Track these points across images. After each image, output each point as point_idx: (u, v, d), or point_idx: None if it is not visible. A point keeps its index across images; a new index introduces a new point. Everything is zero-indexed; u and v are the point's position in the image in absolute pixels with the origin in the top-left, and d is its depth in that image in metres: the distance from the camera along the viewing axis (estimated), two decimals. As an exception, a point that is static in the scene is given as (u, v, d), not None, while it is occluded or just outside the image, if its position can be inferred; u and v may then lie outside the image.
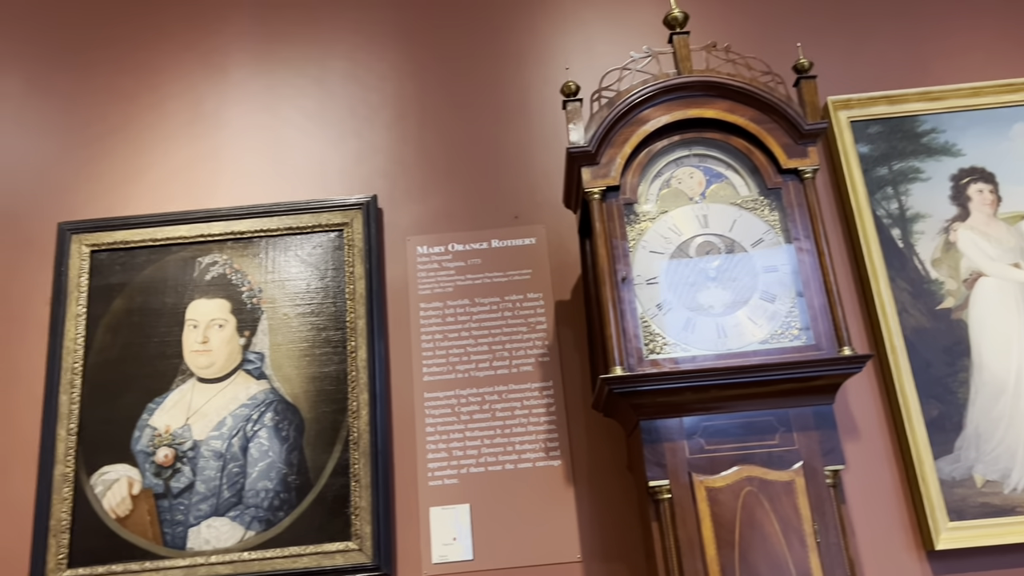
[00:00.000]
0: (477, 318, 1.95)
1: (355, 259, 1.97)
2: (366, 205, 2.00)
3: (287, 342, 1.91)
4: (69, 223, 1.99)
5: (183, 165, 2.07)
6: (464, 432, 1.86)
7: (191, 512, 1.79)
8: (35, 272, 1.99)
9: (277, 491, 1.80)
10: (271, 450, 1.83)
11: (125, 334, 1.92)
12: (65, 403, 1.86)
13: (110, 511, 1.80)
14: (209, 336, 1.92)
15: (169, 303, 1.94)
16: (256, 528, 1.78)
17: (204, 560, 1.75)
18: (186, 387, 1.88)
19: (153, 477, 1.82)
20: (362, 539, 1.76)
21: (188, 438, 1.84)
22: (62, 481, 1.81)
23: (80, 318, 1.93)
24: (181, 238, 1.99)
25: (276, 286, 1.95)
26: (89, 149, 2.08)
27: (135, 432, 1.85)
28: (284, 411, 1.86)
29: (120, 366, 1.90)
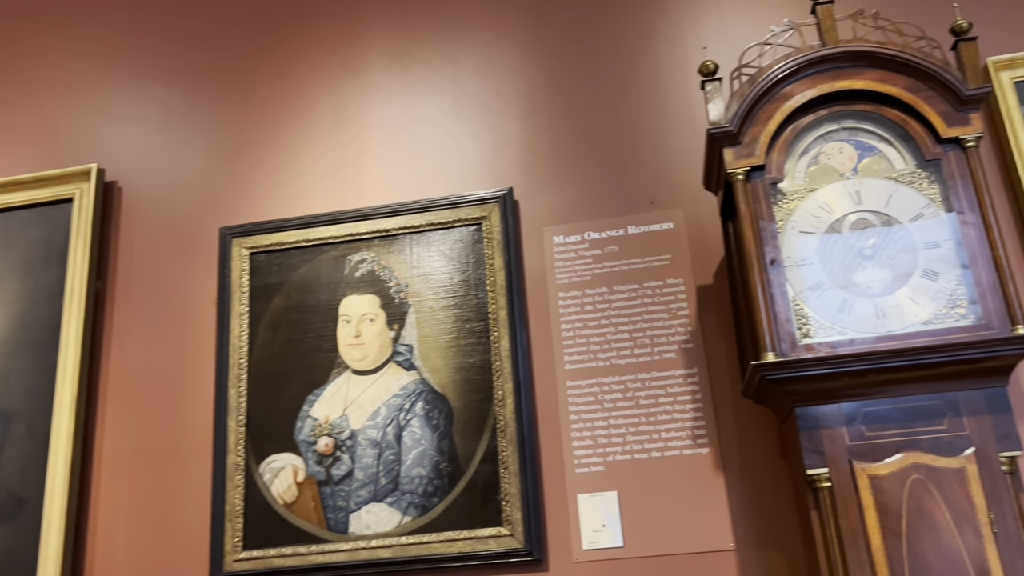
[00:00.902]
0: (616, 306, 1.94)
1: (494, 251, 2.00)
2: (503, 198, 2.03)
3: (433, 334, 1.97)
4: (229, 228, 2.13)
5: (330, 167, 2.16)
6: (608, 420, 1.87)
7: (351, 498, 1.89)
8: (202, 275, 2.13)
9: (430, 478, 1.87)
10: (423, 438, 1.90)
11: (285, 330, 2.04)
12: (234, 396, 2.00)
13: (278, 497, 1.92)
14: (361, 330, 2.01)
15: (323, 300, 2.04)
16: (412, 513, 1.85)
17: (365, 544, 1.84)
18: (342, 379, 1.98)
19: (315, 465, 1.92)
20: (513, 525, 1.80)
21: (346, 428, 1.94)
22: (234, 469, 1.94)
23: (243, 316, 2.06)
24: (331, 238, 2.08)
25: (421, 280, 2.02)
26: (245, 157, 2.21)
27: (297, 423, 1.96)
28: (434, 400, 1.93)
29: (281, 360, 2.01)
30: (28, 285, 2.16)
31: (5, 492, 2.00)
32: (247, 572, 1.86)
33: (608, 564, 1.77)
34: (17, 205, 2.24)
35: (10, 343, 2.12)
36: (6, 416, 2.06)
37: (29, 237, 2.21)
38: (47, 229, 2.21)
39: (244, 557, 1.88)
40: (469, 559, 1.79)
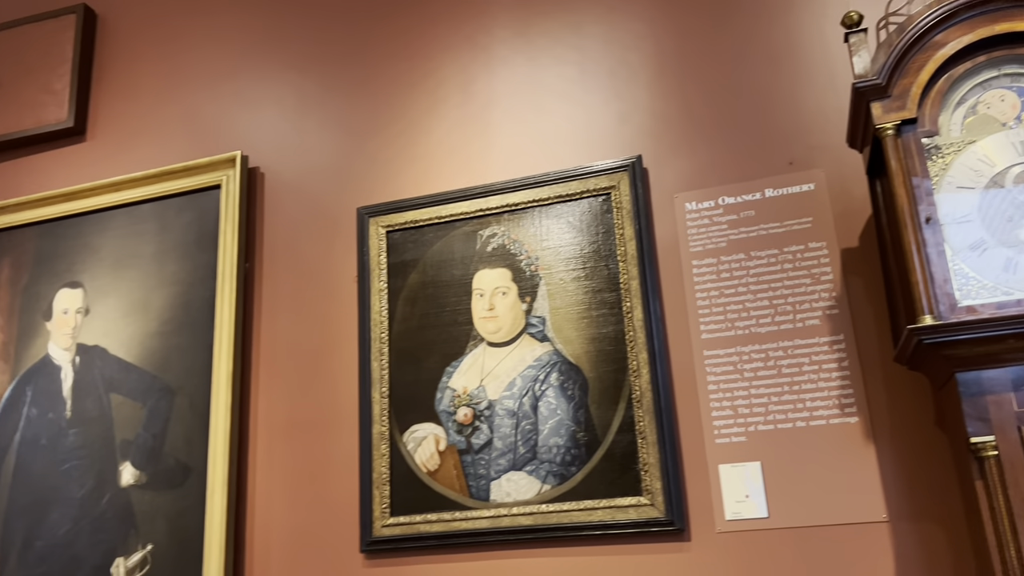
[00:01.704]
0: (754, 272, 1.89)
1: (624, 221, 1.99)
2: (631, 166, 2.01)
3: (565, 306, 1.98)
4: (366, 207, 2.20)
5: (459, 143, 2.20)
6: (749, 390, 1.82)
7: (491, 467, 1.93)
8: (342, 253, 2.22)
9: (568, 447, 1.89)
10: (559, 408, 1.92)
11: (422, 305, 2.10)
12: (376, 369, 2.08)
13: (421, 465, 1.98)
14: (495, 303, 2.04)
15: (457, 275, 2.09)
16: (551, 482, 1.88)
17: (507, 511, 1.88)
18: (478, 351, 2.02)
19: (456, 434, 1.98)
20: (653, 495, 1.80)
21: (484, 398, 1.98)
22: (379, 439, 2.03)
23: (382, 293, 2.13)
24: (463, 214, 2.12)
25: (551, 253, 2.03)
26: (378, 137, 2.28)
27: (437, 393, 2.02)
28: (568, 371, 1.94)
29: (420, 334, 2.08)
30: (184, 267, 2.31)
31: (173, 460, 2.16)
32: (395, 536, 1.94)
33: (752, 535, 1.74)
34: (171, 193, 2.39)
35: (170, 322, 2.28)
36: (170, 391, 2.22)
37: (183, 222, 2.36)
38: (198, 214, 2.35)
39: (392, 523, 1.96)
40: (610, 527, 1.81)
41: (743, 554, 1.74)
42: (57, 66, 2.64)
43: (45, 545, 2.19)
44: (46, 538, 2.20)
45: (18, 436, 2.32)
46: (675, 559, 1.77)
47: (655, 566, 1.78)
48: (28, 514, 2.24)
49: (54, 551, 2.18)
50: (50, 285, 2.44)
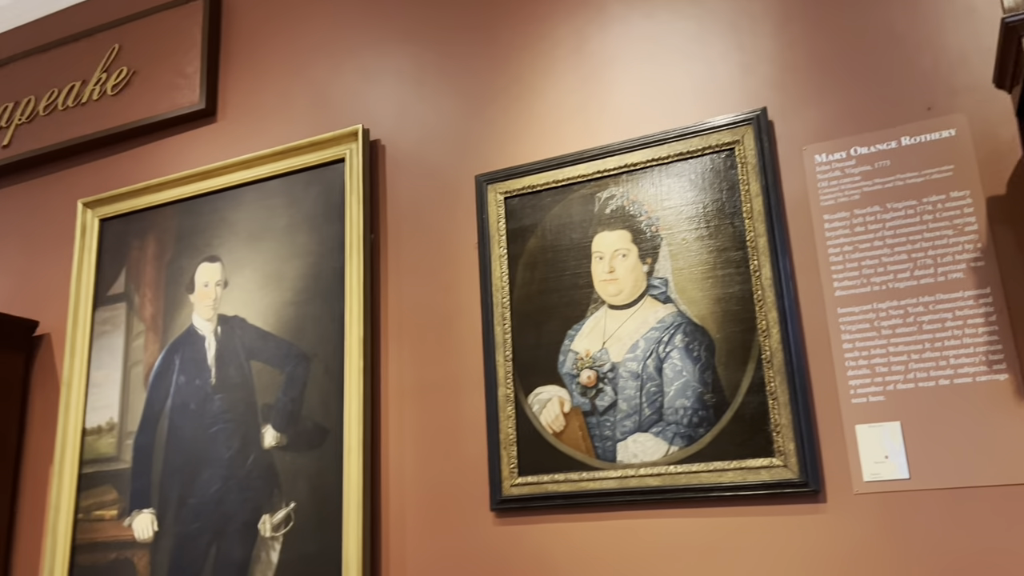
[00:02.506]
0: (891, 225, 1.80)
1: (749, 177, 1.93)
2: (756, 119, 1.94)
3: (688, 266, 1.95)
4: (484, 174, 2.22)
5: (576, 106, 2.18)
6: (887, 347, 1.75)
7: (617, 428, 1.94)
8: (462, 221, 2.26)
9: (695, 408, 1.87)
10: (684, 370, 1.90)
11: (541, 269, 2.11)
12: (499, 333, 2.11)
13: (547, 427, 2.01)
14: (615, 266, 2.03)
15: (576, 238, 2.09)
16: (679, 444, 1.87)
17: (634, 472, 1.89)
18: (599, 314, 2.02)
19: (580, 396, 1.99)
20: (786, 456, 1.76)
21: (606, 361, 1.98)
22: (505, 401, 2.06)
23: (502, 259, 2.15)
24: (580, 177, 2.11)
25: (672, 212, 1.99)
26: (494, 104, 2.29)
27: (560, 357, 2.04)
28: (693, 332, 1.91)
29: (540, 298, 2.09)
30: (314, 239, 2.41)
31: (311, 423, 2.27)
32: (524, 496, 1.98)
33: (893, 496, 1.68)
34: (298, 168, 2.49)
35: (303, 292, 2.38)
36: (306, 357, 2.33)
37: (311, 196, 2.45)
38: (325, 187, 2.43)
39: (520, 482, 2.00)
40: (741, 489, 1.78)
41: (883, 516, 1.68)
42: (187, 51, 2.78)
43: (198, 502, 2.36)
44: (199, 496, 2.37)
45: (169, 402, 2.49)
46: (811, 520, 1.73)
47: (790, 527, 1.74)
48: (181, 473, 2.41)
49: (206, 508, 2.34)
50: (191, 260, 2.59)
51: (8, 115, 3.04)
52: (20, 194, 3.01)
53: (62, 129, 2.92)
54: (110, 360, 2.62)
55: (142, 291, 2.64)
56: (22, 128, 3.00)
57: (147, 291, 2.63)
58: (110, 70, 2.89)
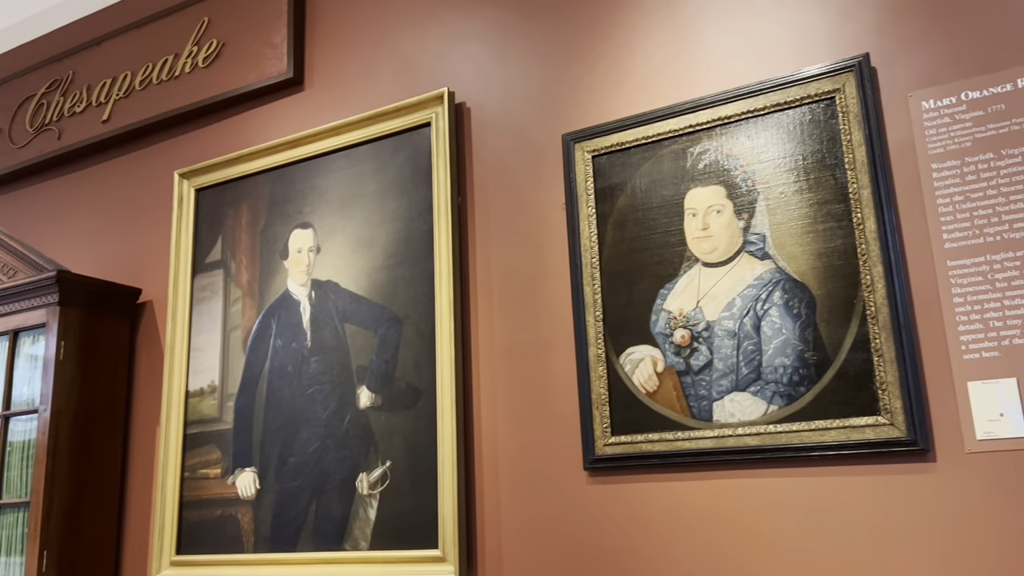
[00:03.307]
0: (1007, 172, 1.71)
1: (850, 126, 1.85)
2: (858, 66, 1.86)
3: (787, 220, 1.89)
4: (571, 133, 2.20)
5: (665, 60, 2.13)
6: (1002, 301, 1.67)
7: (713, 387, 1.91)
8: (549, 181, 2.24)
9: (795, 367, 1.82)
10: (784, 327, 1.85)
11: (631, 228, 2.08)
12: (589, 293, 2.10)
13: (640, 387, 2.00)
14: (708, 222, 1.99)
15: (667, 195, 2.05)
16: (778, 403, 1.83)
17: (731, 432, 1.86)
18: (693, 272, 1.98)
19: (673, 356, 1.97)
20: (892, 414, 1.70)
21: (701, 319, 1.95)
22: (596, 361, 2.06)
23: (591, 218, 2.13)
24: (671, 132, 2.07)
25: (769, 166, 1.94)
26: (581, 62, 2.25)
27: (652, 316, 2.01)
28: (792, 289, 1.86)
29: (631, 257, 2.07)
30: (403, 204, 2.43)
31: (404, 383, 2.32)
32: (618, 455, 1.98)
33: (1009, 455, 1.61)
34: (385, 134, 2.51)
35: (394, 256, 2.42)
36: (398, 320, 2.36)
37: (399, 161, 2.47)
38: (412, 152, 2.45)
39: (613, 442, 1.99)
40: (844, 448, 1.74)
41: (998, 475, 1.61)
42: (274, 21, 2.82)
43: (298, 461, 2.44)
44: (298, 455, 2.44)
45: (267, 364, 2.57)
46: (920, 480, 1.67)
47: (897, 487, 1.69)
48: (281, 433, 2.49)
49: (306, 466, 2.42)
50: (284, 227, 2.65)
51: (107, 91, 3.15)
52: (120, 167, 3.13)
53: (157, 102, 3.01)
54: (210, 325, 2.72)
55: (238, 258, 2.72)
56: (120, 103, 3.10)
57: (243, 258, 2.71)
58: (200, 43, 2.96)
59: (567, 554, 2.02)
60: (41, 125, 3.30)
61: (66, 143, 3.21)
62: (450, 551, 2.11)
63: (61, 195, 3.28)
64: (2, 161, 3.40)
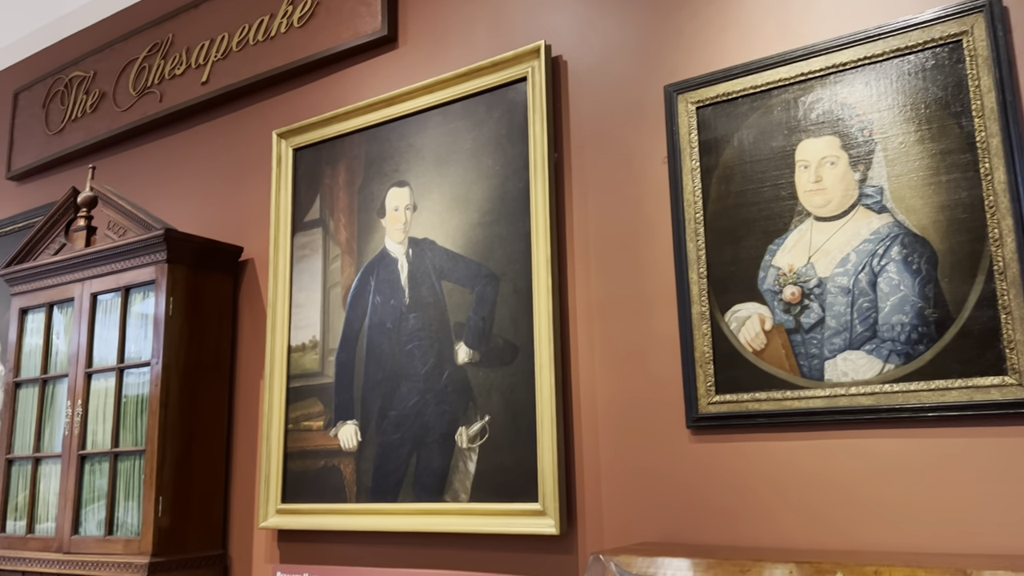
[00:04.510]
0: None
1: (979, 71, 1.75)
2: (988, 6, 1.75)
3: (907, 172, 1.81)
4: (674, 84, 2.14)
5: (775, 4, 2.04)
6: None
7: (824, 346, 1.85)
8: (649, 135, 2.19)
9: (914, 325, 1.75)
10: (902, 284, 1.78)
11: (738, 182, 2.02)
12: (692, 250, 2.05)
13: (746, 345, 1.95)
14: (821, 175, 1.91)
15: (777, 147, 1.98)
16: (895, 361, 1.77)
17: (844, 391, 1.81)
18: (804, 227, 1.92)
19: (782, 314, 1.92)
20: (1021, 374, 1.62)
21: (812, 276, 1.89)
22: (700, 319, 2.02)
23: (695, 172, 2.08)
24: (780, 81, 1.99)
25: (888, 114, 1.84)
26: (682, 10, 2.18)
27: (760, 273, 1.96)
28: (912, 244, 1.78)
29: (737, 212, 2.01)
30: (499, 161, 2.42)
31: (501, 340, 2.33)
32: (722, 414, 1.95)
33: None
34: (481, 90, 2.49)
35: (490, 213, 2.41)
36: (495, 277, 2.37)
37: (494, 117, 2.45)
38: (508, 108, 2.43)
39: (718, 400, 1.96)
40: (967, 408, 1.67)
41: None
42: (367, -21, 2.81)
43: (398, 415, 2.49)
44: (398, 408, 2.49)
45: (367, 321, 2.62)
46: (1052, 444, 1.60)
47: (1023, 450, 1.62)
48: (381, 388, 2.54)
49: (406, 419, 2.47)
50: (381, 185, 2.68)
51: (205, 53, 3.22)
52: (220, 128, 3.21)
53: (254, 63, 3.06)
54: (310, 282, 2.78)
55: (336, 216, 2.76)
56: (218, 64, 3.17)
57: (341, 216, 2.75)
58: (295, 2, 2.98)
59: (667, 511, 2.02)
60: (143, 88, 3.40)
61: (167, 105, 3.30)
62: (550, 505, 2.13)
63: (164, 156, 3.38)
64: (107, 124, 3.53)
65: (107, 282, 2.91)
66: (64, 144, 3.68)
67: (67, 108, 3.70)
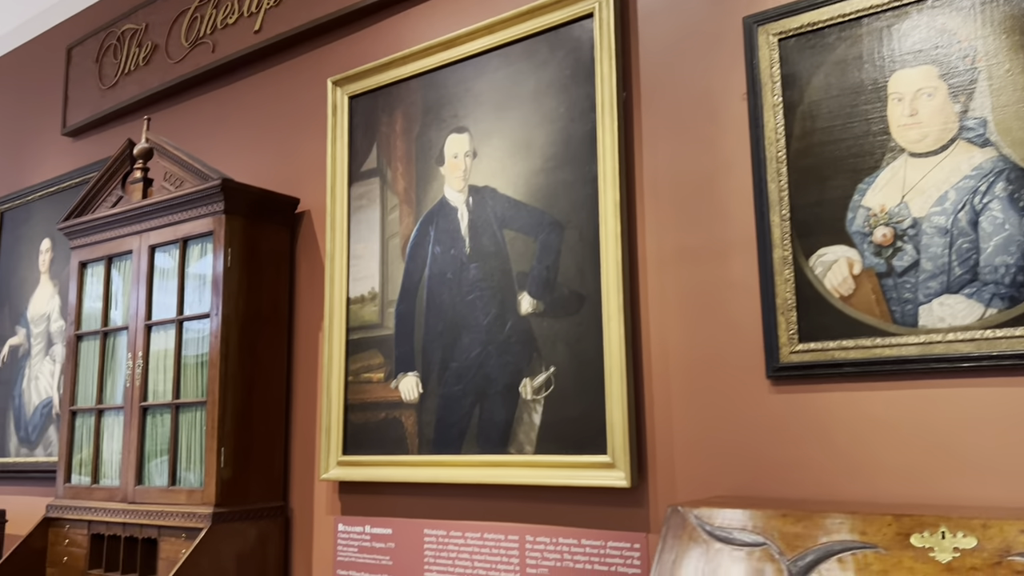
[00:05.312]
0: None
1: (1100, -11, 1.59)
2: (1112, -84, 1.59)
3: (1014, 102, 1.67)
4: (753, 15, 2.01)
5: (869, -75, 1.90)
6: None
7: (919, 290, 1.74)
8: (726, 70, 2.07)
9: (1020, 266, 1.63)
10: (1007, 223, 1.65)
11: (824, 118, 1.90)
12: (774, 191, 1.94)
13: (832, 290, 1.85)
14: (917, 108, 1.78)
15: (867, 79, 1.85)
16: (998, 305, 1.65)
17: (940, 337, 1.70)
18: (897, 164, 1.80)
19: (873, 257, 1.80)
20: None
21: (906, 216, 1.77)
22: (781, 264, 1.91)
23: (777, 108, 1.96)
24: (872, 8, 1.85)
25: (994, 40, 1.70)
26: (768, -67, 2.05)
27: (848, 213, 1.84)
28: (1018, 180, 1.65)
29: (823, 150, 1.89)
30: (563, 103, 2.32)
31: (567, 290, 2.25)
32: (805, 363, 1.86)
33: None
34: (543, 29, 2.38)
35: (553, 158, 2.32)
36: (559, 225, 2.28)
37: (558, 57, 2.35)
38: (572, 47, 2.32)
39: (801, 349, 1.87)
40: (1081, 356, 1.55)
41: None
42: (423, -83, 2.71)
43: (460, 366, 2.44)
44: (460, 360, 2.44)
45: (427, 271, 2.56)
46: None
47: None
48: (442, 339, 2.49)
49: (469, 371, 2.41)
50: (439, 132, 2.60)
51: (257, 1, 3.15)
52: (274, 77, 3.15)
53: (307, 9, 2.98)
54: (368, 233, 2.72)
55: (394, 165, 2.70)
56: (271, 12, 3.10)
57: (398, 165, 2.68)
58: (349, -55, 2.89)
59: (744, 464, 1.94)
60: (196, 39, 3.35)
61: (220, 55, 3.25)
62: (620, 457, 2.06)
63: (217, 108, 3.34)
64: (160, 77, 3.49)
65: (164, 234, 2.89)
66: (117, 98, 3.67)
67: (120, 62, 3.67)
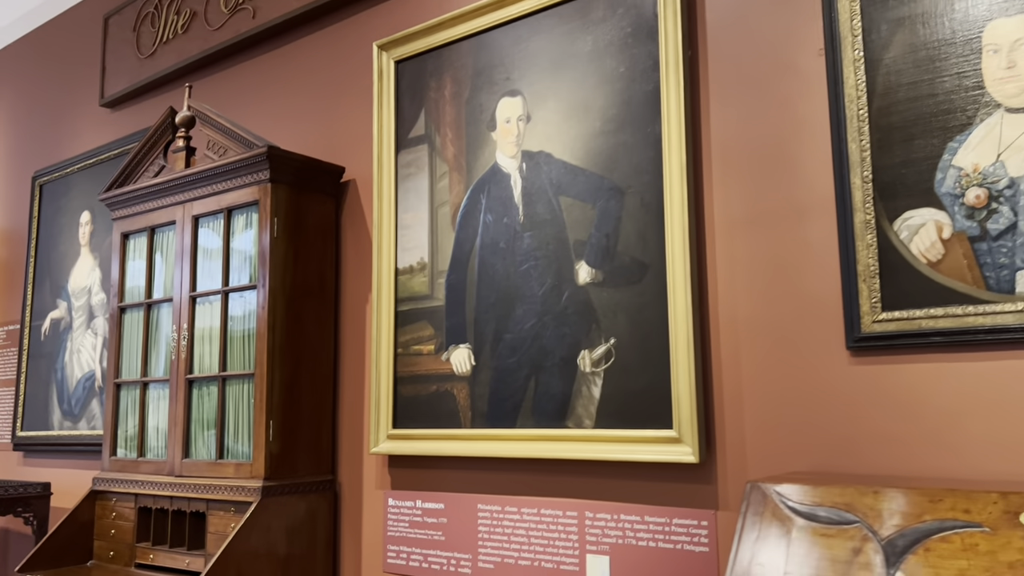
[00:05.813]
0: None
1: None
2: None
3: None
4: (833, -35, 1.89)
5: None
6: None
7: (1016, 255, 1.63)
8: (802, 24, 1.96)
9: None
10: (1119, 182, 1.53)
11: (910, 72, 1.78)
12: (855, 151, 1.83)
13: (919, 256, 1.74)
14: (1015, 59, 1.66)
15: (959, 30, 1.73)
16: (1108, 271, 1.54)
17: (1042, 305, 1.59)
18: (992, 120, 1.68)
19: (965, 219, 1.69)
20: None
21: (1002, 176, 1.66)
22: (863, 228, 1.81)
23: (858, 63, 1.85)
24: (966, -48, 1.73)
25: (1103, -16, 1.58)
26: None
27: (937, 174, 1.73)
28: None
29: (909, 106, 1.78)
30: (623, 62, 2.22)
31: (628, 258, 2.16)
32: (890, 333, 1.76)
33: None
34: (601, -15, 2.28)
35: (613, 120, 2.22)
36: (619, 190, 2.19)
37: (617, 13, 2.24)
38: (633, 2, 2.21)
39: (885, 318, 1.77)
40: None
41: None
42: None
43: (514, 338, 2.36)
44: (514, 331, 2.36)
45: (478, 241, 2.48)
46: None
47: None
48: (495, 310, 2.41)
49: (523, 343, 2.34)
50: (490, 96, 2.50)
51: (299, -37, 3.06)
52: (317, 42, 3.07)
53: (351, -28, 2.89)
54: (416, 202, 2.64)
55: (443, 131, 2.61)
56: (313, -25, 3.01)
57: (448, 131, 2.60)
58: (394, -97, 2.79)
59: (821, 439, 1.85)
60: (236, 5, 3.28)
61: (261, 21, 3.17)
62: (687, 432, 1.98)
63: (258, 76, 3.27)
64: (199, 44, 3.43)
65: (208, 204, 2.83)
66: (156, 67, 3.61)
67: (158, 30, 3.61)
